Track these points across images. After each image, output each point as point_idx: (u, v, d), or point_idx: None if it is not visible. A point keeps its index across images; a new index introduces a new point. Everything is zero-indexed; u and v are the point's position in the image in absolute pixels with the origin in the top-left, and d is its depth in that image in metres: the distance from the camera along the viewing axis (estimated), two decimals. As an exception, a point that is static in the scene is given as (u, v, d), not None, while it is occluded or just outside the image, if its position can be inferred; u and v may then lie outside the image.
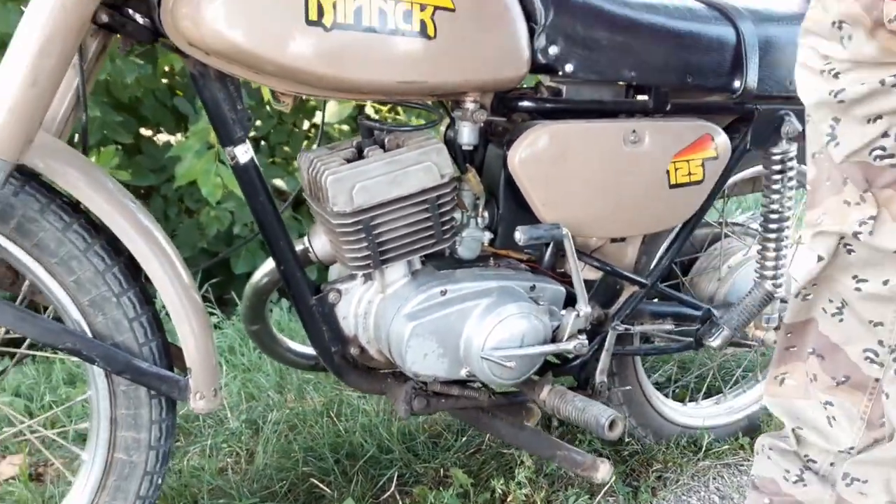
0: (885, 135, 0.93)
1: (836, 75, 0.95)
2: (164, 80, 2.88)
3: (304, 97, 1.27)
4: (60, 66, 0.99)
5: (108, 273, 1.11)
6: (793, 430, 1.13)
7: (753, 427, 1.83)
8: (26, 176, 1.08)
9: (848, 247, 1.01)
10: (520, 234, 1.22)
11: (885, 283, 0.99)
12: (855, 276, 1.01)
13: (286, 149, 3.05)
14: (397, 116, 2.73)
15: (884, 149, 0.94)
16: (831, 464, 1.10)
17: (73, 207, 1.11)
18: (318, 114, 3.01)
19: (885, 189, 0.95)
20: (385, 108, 2.65)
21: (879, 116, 0.93)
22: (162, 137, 3.09)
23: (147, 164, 2.81)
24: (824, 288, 1.06)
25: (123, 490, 1.19)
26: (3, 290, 1.21)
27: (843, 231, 0.99)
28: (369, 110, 2.80)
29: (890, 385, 1.02)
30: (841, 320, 1.05)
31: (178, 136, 3.03)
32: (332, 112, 2.56)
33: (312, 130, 3.14)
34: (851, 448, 1.07)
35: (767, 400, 1.18)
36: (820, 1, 0.97)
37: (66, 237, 1.08)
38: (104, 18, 1.05)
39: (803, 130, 1.09)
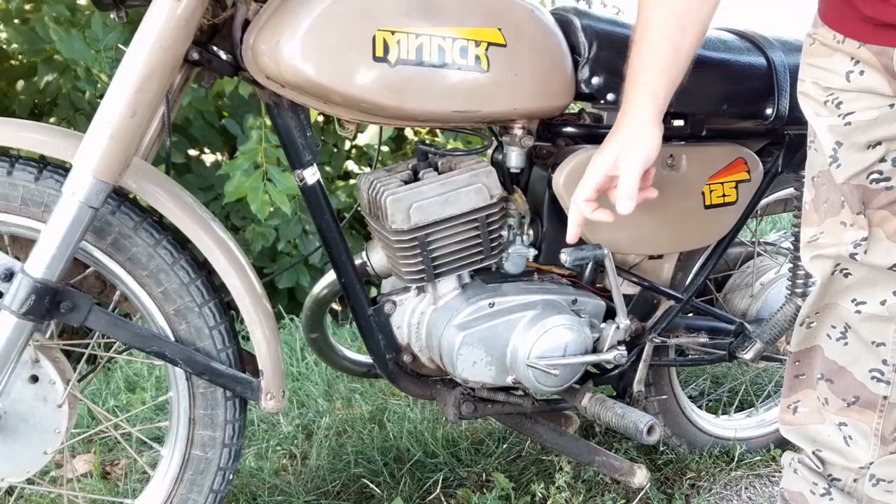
0: (882, 160, 1.01)
1: (838, 105, 1.02)
2: (214, 103, 3.04)
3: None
4: (156, 100, 1.10)
5: (192, 285, 1.22)
6: (813, 452, 1.18)
7: (785, 439, 1.88)
8: (121, 196, 1.20)
9: (844, 271, 1.07)
10: (565, 256, 1.31)
11: (883, 303, 1.05)
12: (854, 300, 1.07)
13: (328, 169, 3.19)
14: (436, 138, 2.84)
15: (880, 173, 1.01)
16: (854, 480, 1.15)
17: (161, 225, 1.22)
18: (360, 136, 3.15)
19: (879, 210, 1.02)
20: (424, 131, 2.76)
21: (879, 143, 1.00)
22: (208, 158, 3.25)
23: (196, 183, 2.96)
24: (827, 315, 1.12)
25: (199, 484, 1.29)
26: (92, 296, 1.32)
27: (840, 253, 1.06)
28: (408, 132, 2.92)
29: None
30: (846, 344, 1.10)
31: (220, 156, 3.19)
32: (374, 134, 2.66)
33: (353, 151, 3.26)
34: (871, 464, 1.12)
35: (783, 428, 1.23)
36: (816, 37, 1.05)
37: (156, 252, 1.20)
38: (195, 56, 1.17)
39: None
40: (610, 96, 1.34)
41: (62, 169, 1.18)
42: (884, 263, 1.03)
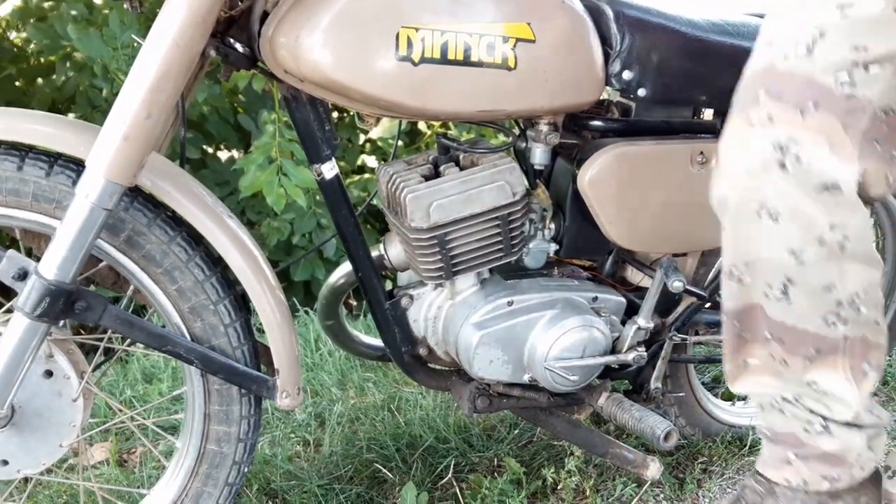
0: None
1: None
2: (228, 99, 3.02)
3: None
4: (172, 99, 1.06)
5: (207, 283, 1.20)
6: (795, 399, 1.09)
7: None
8: (134, 192, 1.16)
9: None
10: None
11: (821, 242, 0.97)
12: (791, 250, 0.99)
13: (342, 163, 3.18)
14: (449, 131, 2.80)
15: None
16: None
17: (176, 220, 1.19)
18: (373, 130, 3.12)
19: None
20: (438, 124, 2.70)
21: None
22: (223, 154, 3.26)
23: (212, 179, 2.95)
24: (758, 272, 1.03)
25: (214, 477, 1.29)
26: (105, 287, 1.31)
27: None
28: (422, 125, 2.85)
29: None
30: (790, 303, 1.02)
31: (235, 151, 3.18)
32: (387, 128, 2.61)
33: (367, 145, 3.22)
34: (858, 412, 1.06)
35: (736, 387, 1.15)
36: None
37: (170, 249, 1.17)
38: (212, 52, 1.12)
39: None
40: (642, 92, 1.29)
41: (74, 163, 1.14)
42: None
